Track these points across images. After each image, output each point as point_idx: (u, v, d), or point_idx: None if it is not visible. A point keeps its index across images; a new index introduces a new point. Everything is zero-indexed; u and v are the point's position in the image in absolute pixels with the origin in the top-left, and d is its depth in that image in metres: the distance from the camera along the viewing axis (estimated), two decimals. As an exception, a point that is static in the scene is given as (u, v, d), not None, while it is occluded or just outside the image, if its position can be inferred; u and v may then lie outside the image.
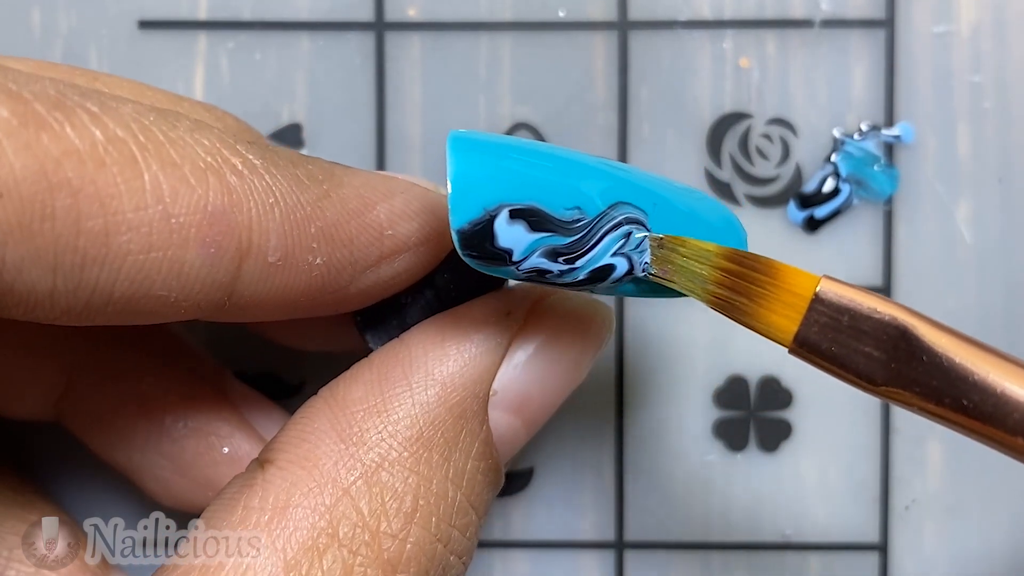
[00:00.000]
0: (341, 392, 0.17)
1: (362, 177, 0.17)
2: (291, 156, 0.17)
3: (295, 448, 0.17)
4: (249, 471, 0.17)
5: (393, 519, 0.16)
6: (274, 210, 0.16)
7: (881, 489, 0.23)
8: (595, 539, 0.24)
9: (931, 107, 0.23)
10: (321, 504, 0.16)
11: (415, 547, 0.17)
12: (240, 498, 0.16)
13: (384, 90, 0.23)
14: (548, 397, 0.19)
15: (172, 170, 0.15)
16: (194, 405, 0.21)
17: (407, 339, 0.18)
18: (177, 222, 0.15)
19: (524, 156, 0.16)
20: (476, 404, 0.17)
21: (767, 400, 0.24)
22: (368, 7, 0.23)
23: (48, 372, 0.20)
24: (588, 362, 0.19)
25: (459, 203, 0.16)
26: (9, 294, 0.14)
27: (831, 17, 0.23)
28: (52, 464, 0.24)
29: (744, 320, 0.16)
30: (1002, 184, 0.23)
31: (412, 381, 0.17)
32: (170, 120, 0.15)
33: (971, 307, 0.23)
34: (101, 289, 0.15)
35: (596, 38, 0.23)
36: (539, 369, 0.18)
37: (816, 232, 0.23)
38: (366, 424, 0.17)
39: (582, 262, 0.17)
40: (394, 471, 0.17)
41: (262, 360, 0.23)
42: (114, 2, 0.23)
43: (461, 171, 0.16)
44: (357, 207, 0.17)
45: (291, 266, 0.16)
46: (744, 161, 0.23)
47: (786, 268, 0.16)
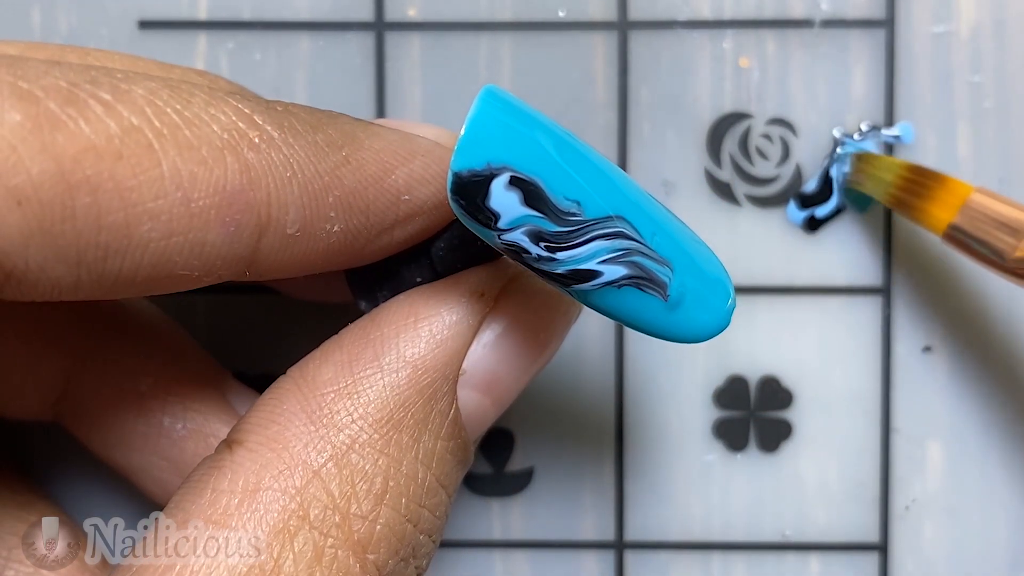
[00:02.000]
0: (311, 372, 0.17)
1: (383, 139, 0.17)
2: (310, 119, 0.16)
3: (264, 429, 0.17)
4: (217, 452, 0.17)
5: (363, 501, 0.16)
6: (292, 183, 0.16)
7: (881, 489, 0.23)
8: (595, 539, 0.24)
9: (931, 107, 0.23)
10: (291, 486, 0.16)
11: (385, 528, 0.17)
12: (208, 480, 0.16)
13: (384, 90, 0.23)
14: (517, 376, 0.19)
15: (190, 153, 0.15)
16: (193, 406, 0.21)
17: (378, 318, 0.18)
18: (196, 205, 0.15)
19: (547, 135, 0.16)
20: (446, 385, 0.17)
21: (767, 400, 0.24)
22: (368, 7, 0.23)
23: (47, 372, 0.20)
24: (558, 341, 0.19)
25: (466, 148, 0.16)
26: (33, 290, 0.14)
27: (831, 17, 0.23)
28: (52, 464, 0.24)
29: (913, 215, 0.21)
30: (1002, 184, 0.23)
31: (383, 363, 0.17)
32: (184, 96, 0.15)
33: (971, 307, 0.23)
34: (124, 275, 0.15)
35: (596, 38, 0.23)
36: (508, 348, 0.18)
37: (816, 232, 0.23)
38: (336, 406, 0.17)
39: (563, 255, 0.16)
40: (364, 453, 0.17)
41: (262, 360, 0.23)
42: (114, 2, 0.23)
43: (481, 119, 0.16)
44: (376, 172, 0.17)
45: (309, 235, 0.16)
46: (744, 161, 0.23)
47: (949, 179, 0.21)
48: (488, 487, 0.24)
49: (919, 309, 0.23)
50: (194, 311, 0.23)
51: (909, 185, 0.21)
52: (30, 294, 0.14)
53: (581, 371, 0.24)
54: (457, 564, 0.24)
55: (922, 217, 0.21)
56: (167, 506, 0.17)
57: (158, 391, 0.20)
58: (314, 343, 0.18)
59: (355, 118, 0.17)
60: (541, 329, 0.19)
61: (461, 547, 0.24)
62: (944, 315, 0.23)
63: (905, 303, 0.23)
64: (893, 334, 0.23)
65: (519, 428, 0.24)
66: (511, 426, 0.24)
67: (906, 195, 0.21)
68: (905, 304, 0.23)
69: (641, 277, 0.17)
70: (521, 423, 0.24)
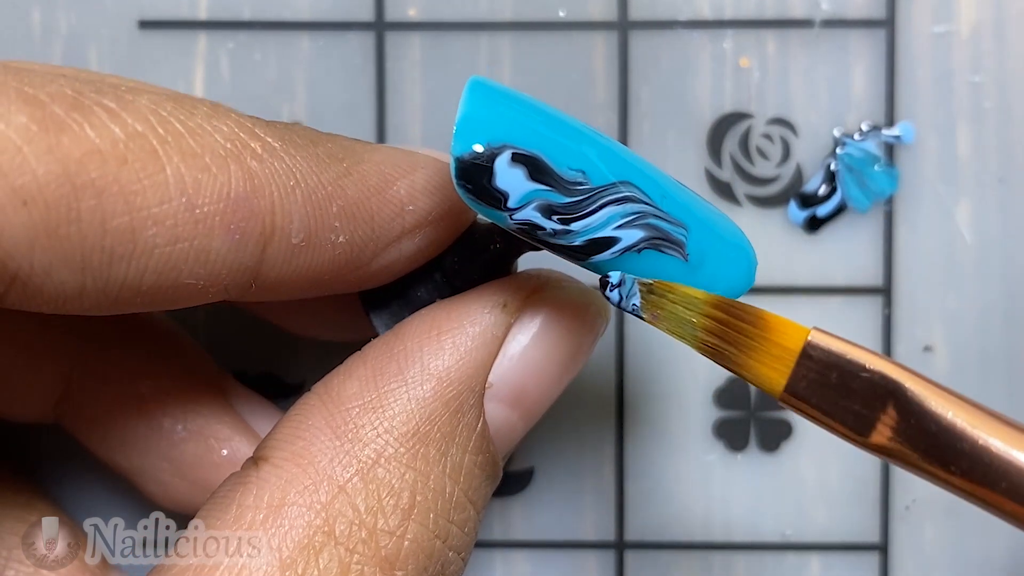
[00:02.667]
0: (335, 388, 0.17)
1: (382, 153, 0.17)
2: (310, 135, 0.17)
3: (290, 445, 0.17)
4: (244, 469, 0.17)
5: (390, 516, 0.16)
6: (295, 192, 0.16)
7: (881, 489, 0.23)
8: (595, 539, 0.24)
9: (931, 107, 0.23)
10: (317, 502, 0.16)
11: (413, 544, 0.16)
12: (234, 496, 0.16)
13: (384, 90, 0.23)
14: (545, 389, 0.18)
15: (193, 160, 0.15)
16: (193, 408, 0.21)
17: (401, 332, 0.18)
18: (201, 212, 0.15)
19: (538, 112, 0.16)
20: (472, 398, 0.17)
21: (767, 400, 0.23)
22: (368, 7, 0.23)
23: (48, 374, 0.20)
24: (585, 353, 0.19)
25: (464, 131, 0.16)
26: (39, 295, 0.14)
27: (831, 17, 0.23)
28: (52, 465, 0.24)
29: (734, 369, 0.16)
30: (1002, 184, 0.23)
31: (407, 376, 0.17)
32: (187, 108, 0.15)
33: (971, 307, 0.23)
34: (130, 282, 0.15)
35: (596, 38, 0.23)
36: (535, 361, 0.18)
37: (817, 232, 0.23)
38: (361, 420, 0.17)
39: (578, 226, 0.16)
40: (390, 467, 0.16)
41: (262, 360, 0.23)
42: (114, 2, 0.23)
43: (473, 104, 0.16)
44: (377, 183, 0.17)
45: (314, 245, 0.16)
46: (744, 161, 0.23)
47: (775, 320, 0.16)
48: (488, 487, 0.24)
49: (919, 309, 0.23)
50: (195, 312, 0.23)
51: (721, 330, 0.16)
52: (35, 301, 0.14)
53: (581, 371, 0.24)
54: (457, 564, 0.24)
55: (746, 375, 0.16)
56: (192, 521, 0.17)
57: (159, 393, 0.21)
58: (314, 345, 0.18)
59: (354, 138, 0.18)
60: (568, 341, 0.19)
61: (461, 547, 0.24)
62: (944, 315, 0.23)
63: (905, 303, 0.23)
64: (893, 334, 0.23)
65: (519, 428, 0.24)
66: (511, 426, 0.24)
67: (720, 343, 0.16)
68: (905, 304, 0.23)
69: (659, 238, 0.17)
70: (521, 423, 0.24)
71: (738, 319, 0.16)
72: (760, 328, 0.16)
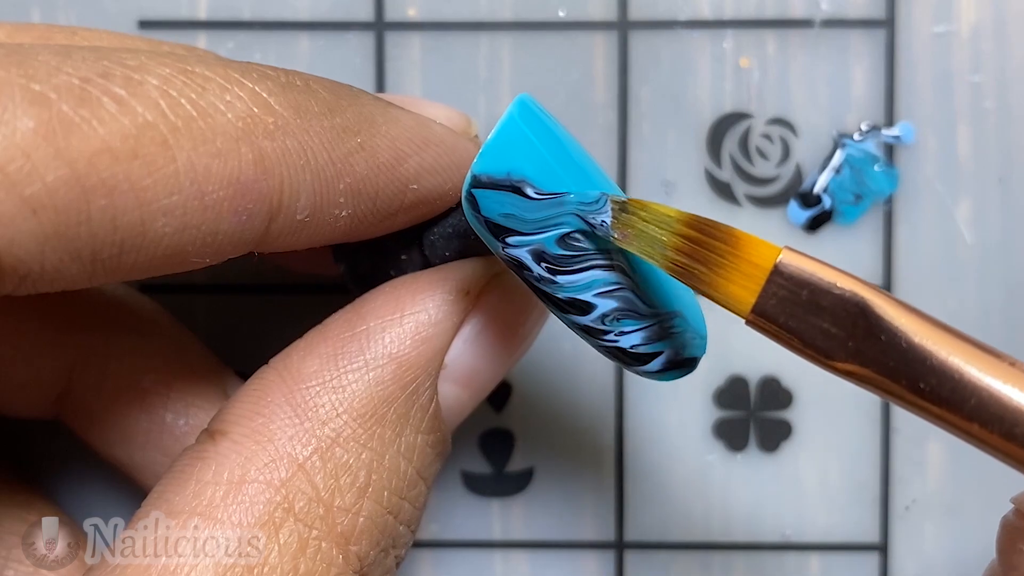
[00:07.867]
0: (295, 364, 0.17)
1: (400, 124, 0.17)
2: (328, 100, 0.16)
3: (249, 421, 0.17)
4: (199, 443, 0.17)
5: (347, 494, 0.17)
6: (305, 171, 0.16)
7: (881, 489, 0.23)
8: (595, 539, 0.24)
9: (931, 107, 0.23)
10: (277, 479, 0.16)
11: (367, 520, 0.17)
12: (192, 471, 0.16)
13: (384, 90, 0.23)
14: (495, 369, 0.19)
15: (204, 147, 0.15)
16: (195, 402, 0.21)
17: (363, 310, 0.18)
18: (210, 198, 0.15)
19: (569, 158, 0.17)
20: (428, 380, 0.18)
21: (767, 400, 0.24)
22: (368, 7, 0.23)
23: (48, 369, 0.20)
24: (533, 335, 0.20)
25: (492, 152, 0.16)
26: (48, 287, 0.14)
27: (831, 17, 0.23)
28: (52, 464, 0.24)
29: (702, 289, 0.16)
30: (1002, 184, 0.23)
31: (368, 357, 0.17)
32: (199, 83, 0.15)
33: (971, 307, 0.23)
34: (139, 267, 0.15)
35: (596, 38, 0.23)
36: (488, 343, 0.19)
37: (816, 232, 0.23)
38: (321, 399, 0.17)
39: (563, 280, 0.17)
40: (348, 447, 0.17)
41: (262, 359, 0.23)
42: (114, 2, 0.23)
43: (511, 128, 0.16)
44: (388, 160, 0.17)
45: (318, 220, 0.16)
46: (744, 161, 0.23)
47: (747, 237, 0.16)
48: (488, 487, 0.24)
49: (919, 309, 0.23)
50: (194, 310, 0.23)
51: (692, 248, 0.16)
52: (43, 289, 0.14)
53: (581, 371, 0.24)
54: (457, 564, 0.24)
55: (715, 295, 0.16)
56: (149, 496, 0.17)
57: (160, 387, 0.21)
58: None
59: (376, 97, 0.17)
60: (519, 324, 0.19)
61: (461, 547, 0.24)
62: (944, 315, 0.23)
63: (905, 303, 0.23)
64: (893, 334, 0.23)
65: (519, 428, 0.24)
66: (511, 426, 0.24)
67: (690, 261, 0.16)
68: (905, 304, 0.23)
69: (629, 310, 0.17)
70: (521, 423, 0.24)
71: (711, 236, 0.16)
72: (731, 245, 0.16)
